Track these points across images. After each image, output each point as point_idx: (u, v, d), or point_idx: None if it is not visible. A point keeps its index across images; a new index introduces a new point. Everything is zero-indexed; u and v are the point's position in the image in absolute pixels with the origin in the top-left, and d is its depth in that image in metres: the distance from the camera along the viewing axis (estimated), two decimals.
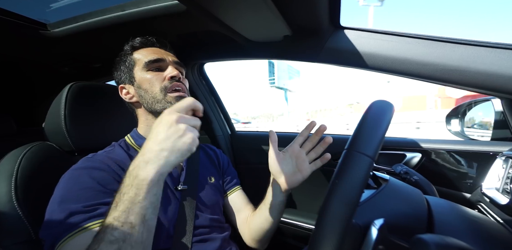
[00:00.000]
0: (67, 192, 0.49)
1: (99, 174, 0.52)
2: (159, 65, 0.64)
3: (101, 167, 0.54)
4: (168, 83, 0.62)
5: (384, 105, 0.34)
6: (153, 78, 0.62)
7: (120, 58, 0.68)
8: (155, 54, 0.65)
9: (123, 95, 0.67)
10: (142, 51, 0.66)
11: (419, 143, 0.84)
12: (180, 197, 0.62)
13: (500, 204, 0.52)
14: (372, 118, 0.32)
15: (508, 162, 0.58)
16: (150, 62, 0.63)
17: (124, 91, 0.67)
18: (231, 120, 1.26)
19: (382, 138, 0.30)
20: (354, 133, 0.32)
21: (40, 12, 0.82)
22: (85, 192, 0.49)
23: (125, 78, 0.66)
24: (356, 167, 0.28)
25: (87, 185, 0.50)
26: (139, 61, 0.65)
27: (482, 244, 0.34)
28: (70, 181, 0.51)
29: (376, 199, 0.43)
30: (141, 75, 0.63)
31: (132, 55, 0.66)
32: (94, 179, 0.51)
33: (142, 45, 0.67)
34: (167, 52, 0.69)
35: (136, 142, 0.65)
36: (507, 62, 0.53)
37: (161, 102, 0.61)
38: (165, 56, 0.66)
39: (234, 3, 0.55)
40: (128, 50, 0.67)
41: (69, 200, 0.47)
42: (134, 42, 0.67)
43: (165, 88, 0.62)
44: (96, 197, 0.48)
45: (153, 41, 0.68)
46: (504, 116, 0.70)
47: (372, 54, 0.66)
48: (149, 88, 0.62)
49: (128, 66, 0.66)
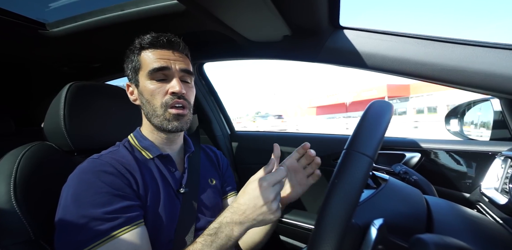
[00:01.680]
0: (81, 196, 0.49)
1: (108, 178, 0.52)
2: (163, 74, 0.61)
3: (109, 171, 0.53)
4: (170, 99, 0.60)
5: (383, 106, 0.34)
6: (156, 90, 0.60)
7: (129, 52, 0.64)
8: (161, 60, 0.60)
9: (129, 94, 0.67)
10: (150, 54, 0.61)
11: (419, 143, 0.85)
12: (181, 199, 0.62)
13: (499, 203, 0.52)
14: (371, 118, 0.32)
15: (507, 161, 0.58)
16: (154, 71, 0.60)
17: (130, 89, 0.66)
18: (230, 120, 1.26)
19: (381, 137, 0.30)
20: (354, 133, 0.32)
21: (39, 11, 0.81)
22: (100, 196, 0.49)
23: (132, 77, 0.64)
24: (356, 166, 0.28)
25: (101, 189, 0.50)
26: (144, 66, 0.61)
27: (481, 244, 0.35)
28: (81, 186, 0.50)
29: (375, 199, 0.43)
30: (145, 84, 0.61)
31: (139, 55, 0.62)
32: (105, 183, 0.51)
33: (151, 46, 0.62)
34: (176, 57, 0.63)
35: (140, 143, 0.64)
36: (505, 62, 0.53)
37: (159, 117, 0.60)
38: (172, 62, 0.61)
39: (233, 3, 0.55)
40: (137, 48, 0.62)
41: (85, 205, 0.47)
42: (143, 40, 0.62)
43: (165, 104, 0.60)
44: (112, 202, 0.49)
45: (163, 42, 0.62)
46: (503, 116, 0.70)
47: (372, 54, 0.66)
48: (151, 100, 0.60)
49: (134, 66, 0.63)
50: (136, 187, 0.55)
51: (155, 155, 0.62)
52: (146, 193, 0.56)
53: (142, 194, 0.55)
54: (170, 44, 0.63)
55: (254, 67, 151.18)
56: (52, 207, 0.51)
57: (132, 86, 0.66)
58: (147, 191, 0.57)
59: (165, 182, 0.61)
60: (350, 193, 0.28)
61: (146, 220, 0.54)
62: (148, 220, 0.54)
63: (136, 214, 0.51)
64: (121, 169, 0.55)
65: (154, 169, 0.61)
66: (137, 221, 0.51)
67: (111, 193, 0.50)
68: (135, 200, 0.53)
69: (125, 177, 0.54)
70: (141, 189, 0.56)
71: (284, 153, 1.12)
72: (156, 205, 0.57)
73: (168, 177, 0.62)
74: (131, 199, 0.52)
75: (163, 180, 0.61)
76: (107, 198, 0.49)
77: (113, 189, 0.50)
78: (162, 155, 0.63)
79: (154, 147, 0.63)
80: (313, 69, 59.15)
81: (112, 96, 0.75)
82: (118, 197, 0.50)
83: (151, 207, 0.56)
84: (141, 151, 0.63)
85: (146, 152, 0.63)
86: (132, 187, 0.54)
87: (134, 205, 0.52)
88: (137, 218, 0.51)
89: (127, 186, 0.53)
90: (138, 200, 0.54)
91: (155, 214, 0.56)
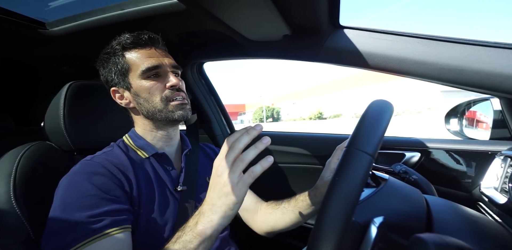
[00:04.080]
0: (68, 199, 0.48)
1: (99, 179, 0.51)
2: (156, 72, 0.61)
3: (101, 172, 0.53)
4: (169, 93, 0.60)
5: (383, 104, 0.34)
6: (153, 87, 0.60)
7: (109, 56, 0.63)
8: (152, 59, 0.61)
9: (117, 100, 0.64)
10: (136, 54, 0.61)
11: (418, 142, 0.85)
12: (179, 198, 0.62)
13: (498, 203, 0.52)
14: (372, 116, 0.32)
15: (507, 161, 0.58)
16: (148, 70, 0.60)
17: (117, 95, 0.64)
18: (230, 120, 1.26)
19: (382, 136, 0.30)
20: (354, 131, 0.32)
21: (39, 10, 0.81)
22: (87, 199, 0.48)
23: (118, 82, 0.63)
24: (356, 164, 0.28)
25: (89, 192, 0.49)
26: (134, 66, 0.60)
27: (480, 243, 0.35)
28: (70, 188, 0.50)
29: (375, 197, 0.43)
30: (139, 84, 0.60)
31: (124, 57, 0.61)
32: (95, 185, 0.50)
33: (134, 46, 0.62)
34: (162, 53, 0.64)
35: (135, 142, 0.64)
36: (505, 62, 0.53)
37: (162, 111, 0.60)
38: (162, 60, 0.62)
39: (233, 2, 0.55)
40: (118, 49, 0.61)
41: (71, 208, 0.47)
42: (124, 41, 0.61)
43: (166, 98, 0.60)
44: (98, 205, 0.48)
45: (145, 40, 0.62)
46: (502, 115, 0.70)
47: (371, 54, 0.66)
48: (149, 98, 0.60)
49: (121, 69, 0.61)
50: (128, 188, 0.54)
51: (150, 154, 0.62)
52: (140, 192, 0.56)
53: (135, 195, 0.55)
54: (152, 41, 0.63)
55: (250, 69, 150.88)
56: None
57: (121, 91, 0.63)
58: (141, 191, 0.56)
59: (159, 181, 0.61)
60: (350, 191, 0.28)
61: (141, 219, 0.54)
62: (144, 219, 0.54)
63: (123, 218, 0.50)
64: (113, 169, 0.54)
65: (149, 169, 0.61)
66: (123, 225, 0.49)
67: (99, 196, 0.49)
68: (125, 203, 0.52)
69: (117, 178, 0.54)
70: (134, 190, 0.55)
71: (283, 153, 1.12)
72: (151, 204, 0.57)
73: (163, 176, 0.62)
74: (121, 202, 0.51)
75: (157, 179, 0.61)
76: (95, 201, 0.48)
77: (102, 192, 0.50)
78: (158, 154, 0.63)
79: (149, 146, 0.63)
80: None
81: (111, 95, 0.75)
82: (106, 200, 0.49)
83: (146, 206, 0.56)
84: (136, 151, 0.63)
85: (142, 151, 0.63)
86: (124, 189, 0.53)
87: (122, 209, 0.50)
88: (123, 222, 0.49)
89: (118, 187, 0.53)
90: (128, 203, 0.53)
91: (150, 213, 0.56)
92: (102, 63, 0.64)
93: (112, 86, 0.64)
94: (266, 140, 0.40)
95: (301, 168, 1.09)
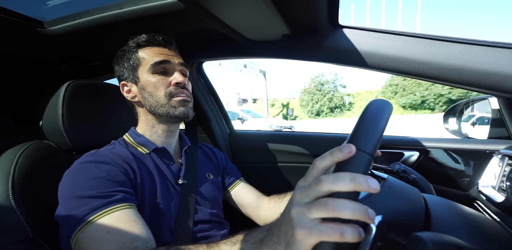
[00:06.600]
0: (77, 183, 0.49)
1: (106, 166, 0.53)
2: (164, 67, 0.64)
3: (107, 161, 0.54)
4: (174, 89, 0.63)
5: (382, 104, 0.34)
6: (159, 82, 0.62)
7: (124, 53, 0.67)
8: (161, 55, 0.64)
9: (125, 93, 0.67)
10: (148, 51, 0.65)
11: (417, 142, 0.85)
12: (180, 191, 0.64)
13: (496, 201, 0.52)
14: (371, 116, 0.32)
15: (504, 160, 0.58)
16: (156, 64, 0.63)
17: (125, 88, 0.67)
18: (229, 119, 1.26)
19: (380, 135, 0.31)
20: (353, 130, 0.32)
21: (37, 9, 0.81)
22: (96, 181, 0.49)
23: (128, 76, 0.66)
24: (355, 164, 0.28)
25: (96, 175, 0.50)
26: (145, 61, 0.64)
27: (478, 242, 0.35)
28: (77, 173, 0.51)
29: (374, 197, 0.43)
30: (147, 78, 0.63)
31: (137, 53, 0.65)
32: (102, 170, 0.51)
33: (148, 44, 0.66)
34: (172, 53, 0.68)
35: (135, 139, 0.66)
36: (504, 61, 0.53)
37: (165, 106, 0.62)
38: (171, 57, 0.66)
39: (232, 2, 0.55)
40: (133, 47, 0.66)
41: (81, 189, 0.48)
42: (140, 39, 0.66)
43: (170, 93, 0.63)
44: (108, 186, 0.49)
45: (159, 40, 0.66)
46: (500, 114, 0.70)
47: (371, 53, 0.66)
48: (154, 92, 0.62)
49: (132, 64, 0.65)
50: (133, 176, 0.56)
51: (151, 149, 0.64)
52: (143, 183, 0.57)
53: (139, 182, 0.56)
54: (166, 42, 0.67)
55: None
56: (50, 206, 0.51)
57: (129, 85, 0.66)
58: (144, 182, 0.58)
59: (161, 174, 0.62)
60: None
61: (144, 209, 0.55)
62: (146, 211, 0.55)
63: (132, 197, 0.52)
64: (118, 159, 0.56)
65: (150, 163, 0.62)
66: (134, 203, 0.51)
67: (106, 178, 0.50)
68: (130, 188, 0.53)
69: (121, 166, 0.55)
70: (138, 178, 0.57)
71: (283, 152, 1.12)
72: (153, 195, 0.58)
73: (164, 170, 0.63)
74: (127, 186, 0.53)
75: (159, 173, 0.62)
76: (103, 182, 0.49)
77: (109, 175, 0.51)
78: (158, 149, 0.64)
79: (149, 142, 0.65)
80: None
81: (110, 95, 0.75)
82: (113, 182, 0.50)
83: (149, 197, 0.57)
84: (137, 147, 0.64)
85: (142, 148, 0.64)
86: (129, 176, 0.55)
87: (129, 192, 0.52)
88: (133, 201, 0.51)
89: (124, 174, 0.54)
90: (133, 190, 0.54)
91: (153, 204, 0.57)
92: (117, 60, 0.68)
93: (122, 81, 0.67)
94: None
95: (301, 167, 1.09)
